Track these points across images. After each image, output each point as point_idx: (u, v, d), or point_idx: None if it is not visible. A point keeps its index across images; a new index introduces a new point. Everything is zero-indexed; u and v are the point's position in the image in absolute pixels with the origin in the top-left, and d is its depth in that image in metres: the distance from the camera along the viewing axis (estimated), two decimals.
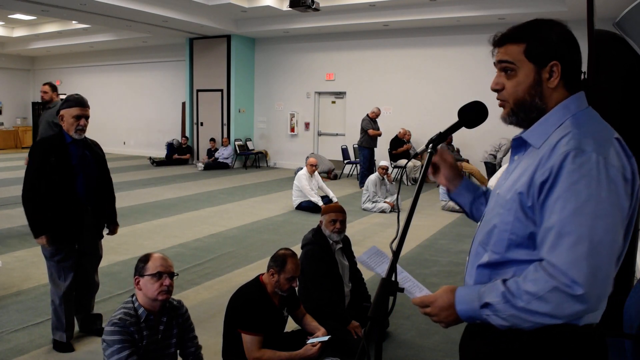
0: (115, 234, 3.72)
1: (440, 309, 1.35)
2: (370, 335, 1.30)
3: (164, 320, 2.47)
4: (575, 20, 10.19)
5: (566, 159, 1.20)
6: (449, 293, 1.35)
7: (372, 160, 10.74)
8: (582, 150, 1.20)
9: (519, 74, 1.35)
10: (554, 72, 1.32)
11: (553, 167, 1.22)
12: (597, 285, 1.16)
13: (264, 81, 14.26)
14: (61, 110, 3.28)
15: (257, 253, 5.76)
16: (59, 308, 3.38)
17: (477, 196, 1.67)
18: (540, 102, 1.34)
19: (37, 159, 3.23)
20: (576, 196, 1.18)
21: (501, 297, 1.24)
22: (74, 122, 3.25)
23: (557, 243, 1.19)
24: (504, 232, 1.32)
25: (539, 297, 1.18)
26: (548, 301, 1.18)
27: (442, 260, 5.58)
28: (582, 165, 1.19)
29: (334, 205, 3.78)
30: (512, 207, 1.30)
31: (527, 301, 1.20)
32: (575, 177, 1.18)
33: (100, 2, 9.90)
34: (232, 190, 10.03)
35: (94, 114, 16.44)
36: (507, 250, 1.32)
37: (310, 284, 3.47)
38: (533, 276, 1.21)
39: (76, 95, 3.38)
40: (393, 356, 3.38)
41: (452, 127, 1.53)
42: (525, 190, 1.27)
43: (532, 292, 1.20)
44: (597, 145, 1.21)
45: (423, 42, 11.94)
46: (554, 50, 1.32)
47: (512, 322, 1.24)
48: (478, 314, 1.28)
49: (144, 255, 2.50)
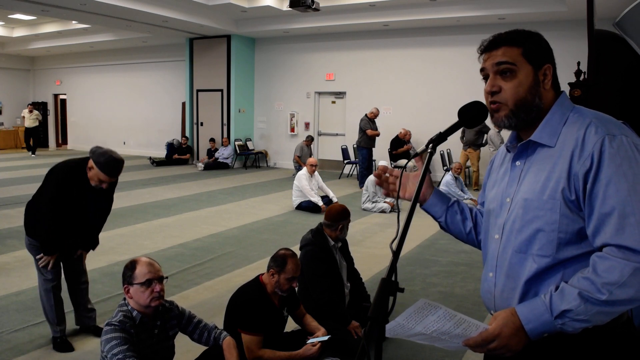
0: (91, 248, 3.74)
1: (509, 338, 1.26)
2: (370, 335, 1.29)
3: (158, 324, 2.47)
4: (575, 20, 10.16)
5: (604, 145, 1.24)
6: (511, 316, 1.28)
7: (371, 160, 10.74)
8: (612, 135, 1.25)
9: (519, 75, 1.37)
10: (547, 74, 1.38)
11: (594, 155, 1.24)
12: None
13: (264, 81, 14.26)
14: (92, 159, 3.19)
15: (257, 253, 5.76)
16: (44, 299, 3.48)
17: (450, 205, 1.66)
18: (540, 102, 1.38)
19: (60, 185, 3.28)
20: (625, 177, 1.21)
21: (579, 299, 1.21)
22: (97, 182, 3.25)
23: (622, 224, 1.19)
24: (552, 233, 1.31)
25: (622, 283, 1.17)
26: (632, 285, 1.17)
27: (442, 260, 5.58)
28: (619, 148, 1.23)
29: (341, 209, 3.70)
30: (554, 205, 1.30)
31: (609, 292, 1.18)
32: (618, 160, 1.22)
33: (100, 2, 9.90)
34: (232, 190, 10.03)
35: (94, 114, 16.41)
36: (558, 251, 1.31)
37: (310, 285, 3.47)
38: (605, 265, 1.20)
39: (113, 158, 3.20)
40: (393, 356, 3.38)
41: (452, 127, 1.53)
42: (566, 185, 1.28)
43: (612, 281, 1.18)
44: (620, 128, 1.28)
45: (423, 42, 11.94)
46: (546, 55, 1.39)
47: (595, 320, 1.22)
48: (551, 326, 1.24)
49: (130, 262, 2.44)
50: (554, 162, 1.32)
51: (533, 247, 1.34)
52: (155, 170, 13.18)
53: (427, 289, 4.68)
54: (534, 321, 1.25)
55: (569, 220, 1.29)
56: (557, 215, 1.30)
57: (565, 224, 1.29)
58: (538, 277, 1.34)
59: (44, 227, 3.31)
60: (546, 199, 1.32)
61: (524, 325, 1.25)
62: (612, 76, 2.52)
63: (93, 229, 3.60)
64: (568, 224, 1.29)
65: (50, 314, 3.48)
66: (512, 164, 1.45)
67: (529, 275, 1.35)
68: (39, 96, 19.97)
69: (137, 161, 15.09)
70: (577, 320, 1.21)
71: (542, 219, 1.32)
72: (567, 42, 7.96)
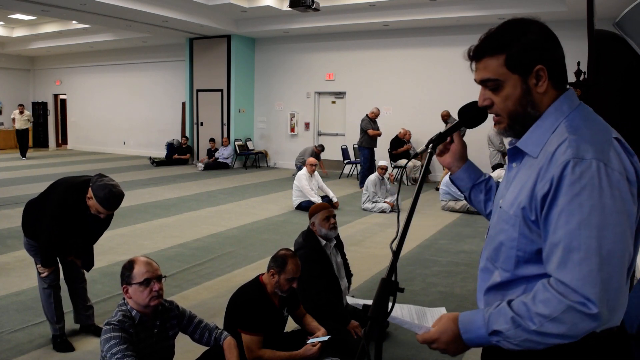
0: None
1: (446, 343, 1.27)
2: (370, 335, 1.29)
3: (158, 324, 2.47)
4: (575, 20, 10.17)
5: (566, 169, 1.14)
6: (451, 324, 1.26)
7: (373, 160, 10.74)
8: (581, 159, 1.14)
9: (505, 88, 1.28)
10: (541, 76, 1.25)
11: (553, 179, 1.16)
12: (611, 298, 1.11)
13: (264, 81, 14.25)
14: (92, 190, 3.17)
15: (257, 253, 5.76)
16: (44, 297, 3.51)
17: (477, 183, 1.60)
18: (534, 110, 1.28)
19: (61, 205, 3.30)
20: (580, 208, 1.12)
21: (511, 322, 1.17)
22: (95, 212, 3.25)
23: (565, 259, 1.13)
24: (511, 250, 1.27)
25: (553, 318, 1.12)
26: (563, 322, 1.12)
27: (442, 260, 5.58)
28: (583, 174, 1.13)
29: (320, 203, 3.76)
30: (515, 222, 1.25)
31: (539, 323, 1.14)
32: (577, 189, 1.13)
33: (100, 2, 9.90)
34: (232, 190, 10.03)
35: (94, 114, 16.40)
36: (517, 268, 1.27)
37: (307, 286, 3.46)
38: (543, 296, 1.15)
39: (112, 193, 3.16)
40: (393, 356, 3.38)
41: (452, 127, 1.53)
42: (527, 204, 1.22)
43: (545, 314, 1.13)
44: (597, 151, 1.14)
45: (423, 42, 11.93)
46: (536, 54, 1.24)
47: (524, 346, 1.17)
48: (487, 340, 1.21)
49: (128, 262, 2.45)
50: (530, 175, 1.24)
51: (499, 259, 1.32)
52: (155, 170, 13.18)
53: (427, 289, 4.68)
54: (471, 333, 1.23)
55: (527, 240, 1.23)
56: (516, 234, 1.25)
57: (524, 243, 1.24)
58: (500, 287, 1.31)
59: (43, 243, 3.38)
60: (512, 214, 1.27)
61: (461, 334, 1.24)
62: (612, 76, 2.52)
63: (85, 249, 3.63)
64: (526, 244, 1.24)
65: (49, 313, 3.51)
66: (509, 165, 1.40)
67: (492, 284, 1.33)
68: (39, 96, 19.97)
69: (137, 161, 15.09)
70: (509, 342, 1.18)
71: (505, 234, 1.28)
72: (567, 42, 7.91)
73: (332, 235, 3.58)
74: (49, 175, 10.91)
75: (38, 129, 19.82)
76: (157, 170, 13.02)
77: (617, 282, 1.11)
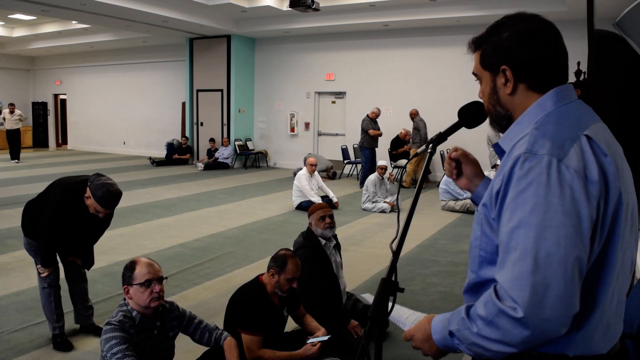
0: None
1: (421, 342, 1.25)
2: (370, 335, 1.29)
3: (158, 324, 2.47)
4: (575, 20, 10.15)
5: (516, 164, 1.09)
6: (426, 324, 1.24)
7: (374, 161, 10.74)
8: (533, 154, 1.07)
9: (482, 84, 1.29)
10: (508, 77, 1.22)
11: (505, 174, 1.11)
12: (546, 306, 1.00)
13: (264, 81, 14.26)
14: (90, 189, 3.18)
15: (257, 253, 5.76)
16: (44, 297, 3.51)
17: None
18: (502, 110, 1.26)
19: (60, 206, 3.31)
20: (522, 206, 1.05)
21: (461, 324, 1.12)
22: (94, 211, 3.25)
23: (504, 259, 1.07)
24: (475, 249, 1.23)
25: (489, 322, 1.06)
26: (497, 326, 1.04)
27: (442, 260, 5.58)
28: (531, 170, 1.06)
29: (318, 204, 3.79)
30: (479, 221, 1.21)
31: (480, 327, 1.08)
32: (523, 185, 1.06)
33: (100, 2, 9.90)
34: (232, 190, 10.03)
35: (94, 114, 16.37)
36: (480, 269, 1.22)
37: (307, 286, 3.46)
38: (485, 298, 1.09)
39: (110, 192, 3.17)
40: (393, 356, 3.38)
41: (452, 127, 1.53)
42: (487, 201, 1.17)
43: (483, 316, 1.07)
44: (554, 147, 1.07)
45: (423, 42, 11.94)
46: (503, 54, 1.22)
47: (475, 351, 1.11)
48: (450, 343, 1.16)
49: (130, 263, 2.45)
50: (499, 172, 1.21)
51: (470, 260, 1.29)
52: (155, 170, 13.18)
53: (427, 289, 4.68)
54: (437, 334, 1.20)
55: (488, 239, 1.18)
56: (479, 232, 1.21)
57: (485, 242, 1.19)
58: (471, 290, 1.28)
59: (42, 244, 3.38)
60: (479, 211, 1.23)
61: (432, 335, 1.21)
62: (612, 76, 2.52)
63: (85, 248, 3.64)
64: (487, 243, 1.19)
65: (49, 312, 3.51)
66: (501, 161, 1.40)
67: (466, 287, 1.31)
68: (39, 96, 19.97)
69: (137, 161, 15.09)
70: (461, 345, 1.13)
71: (473, 233, 1.25)
72: (567, 42, 7.89)
73: (327, 235, 3.59)
74: (48, 176, 10.90)
75: (38, 129, 19.83)
76: (157, 170, 13.02)
77: (556, 290, 1.01)
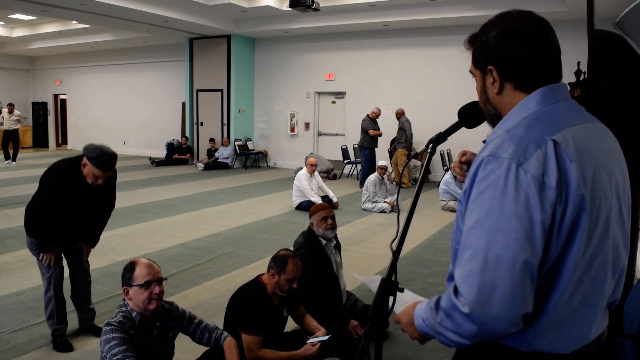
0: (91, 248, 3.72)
1: (406, 326, 1.30)
2: (370, 335, 1.30)
3: (158, 325, 2.47)
4: (575, 20, 10.13)
5: (479, 167, 1.13)
6: (411, 309, 1.28)
7: (374, 161, 10.74)
8: (495, 157, 1.11)
9: (476, 81, 1.32)
10: (494, 76, 1.24)
11: (470, 175, 1.17)
12: (491, 304, 1.06)
13: (264, 81, 14.26)
14: (86, 157, 3.18)
15: (257, 253, 5.76)
16: (46, 297, 3.49)
17: None
18: (492, 109, 1.29)
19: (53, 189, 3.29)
20: (480, 207, 1.11)
21: (429, 312, 1.19)
22: (92, 178, 3.24)
23: (460, 257, 1.14)
24: (452, 242, 1.28)
25: (446, 313, 1.13)
26: (452, 318, 1.12)
27: (442, 260, 5.58)
28: (491, 173, 1.10)
29: (320, 204, 3.79)
30: (457, 216, 1.25)
31: (441, 317, 1.15)
32: (482, 187, 1.11)
33: (100, 2, 9.90)
34: (232, 190, 10.03)
35: (94, 114, 16.34)
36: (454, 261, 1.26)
37: (307, 286, 3.46)
38: (447, 291, 1.16)
39: (105, 152, 3.18)
40: (393, 356, 3.38)
41: (452, 127, 1.53)
42: (462, 198, 1.22)
43: (443, 307, 1.14)
44: (516, 151, 1.10)
45: (423, 42, 11.93)
46: (489, 54, 1.24)
47: (440, 339, 1.17)
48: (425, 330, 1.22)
49: (130, 264, 2.45)
50: None
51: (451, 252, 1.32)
52: (155, 170, 13.18)
53: (427, 289, 4.68)
54: (418, 319, 1.24)
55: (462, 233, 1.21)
56: (455, 227, 1.26)
57: (459, 236, 1.22)
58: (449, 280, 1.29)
59: (39, 223, 3.35)
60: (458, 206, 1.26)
61: (414, 320, 1.25)
62: (612, 76, 2.52)
63: (96, 226, 3.60)
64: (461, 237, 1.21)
65: (50, 313, 3.48)
66: None
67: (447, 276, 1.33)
68: (39, 96, 19.97)
69: (137, 161, 15.09)
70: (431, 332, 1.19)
71: (454, 226, 1.28)
72: (567, 42, 7.93)
73: (329, 236, 3.59)
74: None
75: (38, 129, 19.83)
76: (157, 170, 13.02)
77: (502, 290, 1.06)
